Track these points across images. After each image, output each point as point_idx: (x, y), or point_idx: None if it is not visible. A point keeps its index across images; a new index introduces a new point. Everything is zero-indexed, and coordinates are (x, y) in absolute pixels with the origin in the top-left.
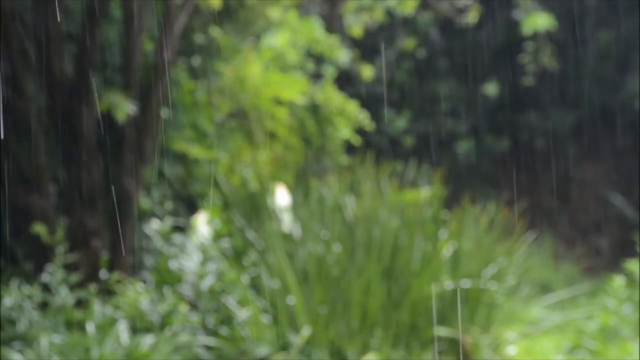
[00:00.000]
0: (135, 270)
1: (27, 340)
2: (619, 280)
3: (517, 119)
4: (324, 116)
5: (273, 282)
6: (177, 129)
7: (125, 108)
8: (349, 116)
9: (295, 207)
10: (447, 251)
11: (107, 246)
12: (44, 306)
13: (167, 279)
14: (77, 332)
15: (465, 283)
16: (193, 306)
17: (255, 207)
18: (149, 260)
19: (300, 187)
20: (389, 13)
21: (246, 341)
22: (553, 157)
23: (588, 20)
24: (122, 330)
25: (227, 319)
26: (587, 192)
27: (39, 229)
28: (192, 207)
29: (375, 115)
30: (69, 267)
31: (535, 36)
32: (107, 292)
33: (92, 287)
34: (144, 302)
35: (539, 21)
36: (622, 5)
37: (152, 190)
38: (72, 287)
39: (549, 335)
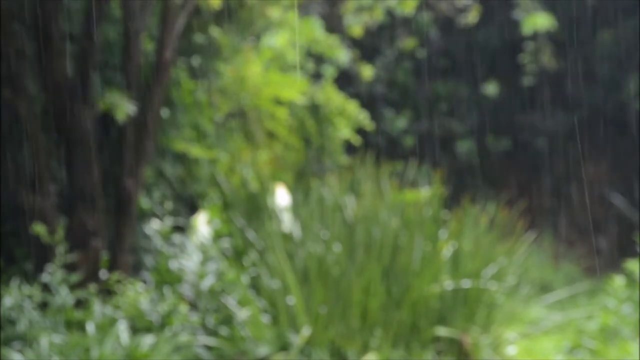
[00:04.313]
0: (135, 270)
1: (27, 340)
2: (619, 280)
3: (517, 119)
4: (324, 116)
5: (273, 282)
6: (177, 129)
7: (125, 108)
8: (349, 116)
9: (295, 207)
10: (447, 251)
11: (107, 246)
12: (44, 306)
13: (167, 279)
14: (77, 332)
15: (465, 283)
16: (193, 306)
17: (255, 207)
18: (149, 260)
19: (300, 187)
20: (389, 13)
21: (246, 341)
22: (553, 157)
23: (588, 20)
24: (122, 330)
25: (227, 319)
26: (587, 192)
27: (39, 229)
28: (192, 207)
29: (375, 115)
30: (69, 267)
31: (535, 36)
32: (107, 292)
33: (92, 287)
34: (144, 302)
35: (539, 21)
36: (622, 5)
37: (152, 190)
38: (72, 287)
39: (549, 335)
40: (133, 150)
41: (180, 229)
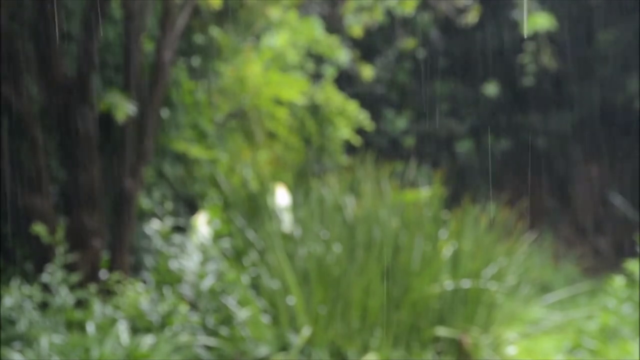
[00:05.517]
0: (135, 270)
1: (27, 340)
2: (619, 280)
3: (517, 119)
4: (324, 116)
5: (273, 282)
6: (177, 129)
7: (125, 108)
8: (349, 116)
9: (295, 207)
10: (447, 251)
11: (107, 246)
12: (44, 306)
13: (167, 279)
14: (77, 332)
15: (465, 283)
16: (193, 306)
17: (255, 207)
18: (149, 260)
19: (300, 187)
20: (389, 13)
21: (246, 341)
22: (553, 157)
23: (588, 20)
24: (122, 330)
25: (227, 319)
26: (587, 192)
27: (39, 229)
28: (192, 207)
29: (375, 116)
30: (69, 267)
31: (535, 36)
32: (107, 292)
33: (92, 287)
34: (144, 302)
35: (539, 21)
36: (622, 5)
37: (152, 190)
38: (72, 287)
39: (549, 335)
40: (133, 150)
41: (180, 229)
